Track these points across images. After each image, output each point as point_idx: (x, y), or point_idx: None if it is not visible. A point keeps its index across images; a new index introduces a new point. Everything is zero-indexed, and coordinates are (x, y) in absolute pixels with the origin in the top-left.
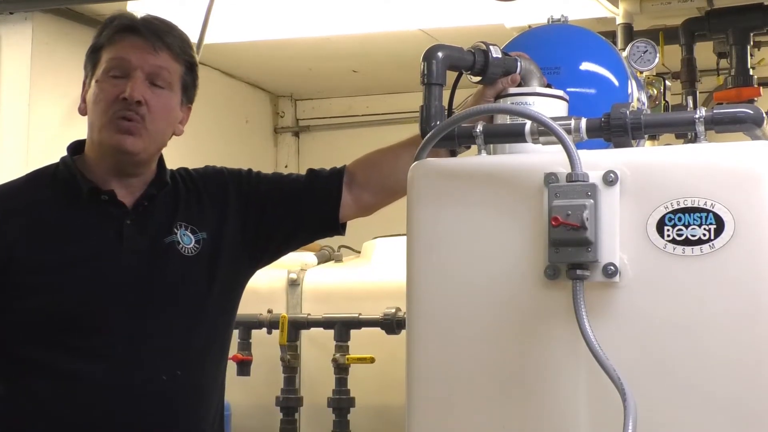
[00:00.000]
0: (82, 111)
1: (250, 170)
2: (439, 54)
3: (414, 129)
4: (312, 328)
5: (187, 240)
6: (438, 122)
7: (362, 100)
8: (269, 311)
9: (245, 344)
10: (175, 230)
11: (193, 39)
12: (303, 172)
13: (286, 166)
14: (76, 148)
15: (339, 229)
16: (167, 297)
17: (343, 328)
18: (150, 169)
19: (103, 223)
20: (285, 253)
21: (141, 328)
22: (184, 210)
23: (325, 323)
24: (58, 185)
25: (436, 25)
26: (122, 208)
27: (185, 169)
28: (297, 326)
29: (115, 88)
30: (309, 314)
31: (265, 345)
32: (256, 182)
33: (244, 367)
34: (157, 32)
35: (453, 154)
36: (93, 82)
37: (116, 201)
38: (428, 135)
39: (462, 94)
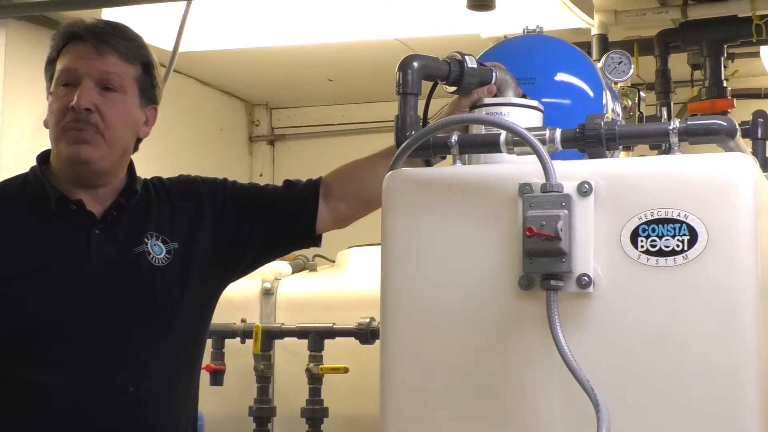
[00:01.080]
0: (46, 124)
1: (225, 180)
2: (415, 64)
3: (390, 138)
4: (286, 338)
5: (157, 250)
6: (413, 132)
7: (338, 109)
8: (243, 320)
9: (218, 354)
10: (146, 240)
11: (168, 47)
12: (279, 181)
13: (261, 175)
14: (45, 157)
15: (315, 240)
16: (135, 308)
17: (317, 337)
18: (118, 177)
19: (71, 232)
20: (260, 265)
21: (108, 338)
22: (156, 219)
23: (299, 333)
24: (28, 195)
25: (412, 35)
26: (90, 217)
27: (158, 178)
28: (271, 336)
29: (66, 98)
30: (283, 324)
31: (239, 354)
32: (231, 192)
33: (217, 377)
34: (102, 36)
35: (428, 164)
36: (49, 94)
37: (84, 210)
38: (403, 145)
39: (437, 104)
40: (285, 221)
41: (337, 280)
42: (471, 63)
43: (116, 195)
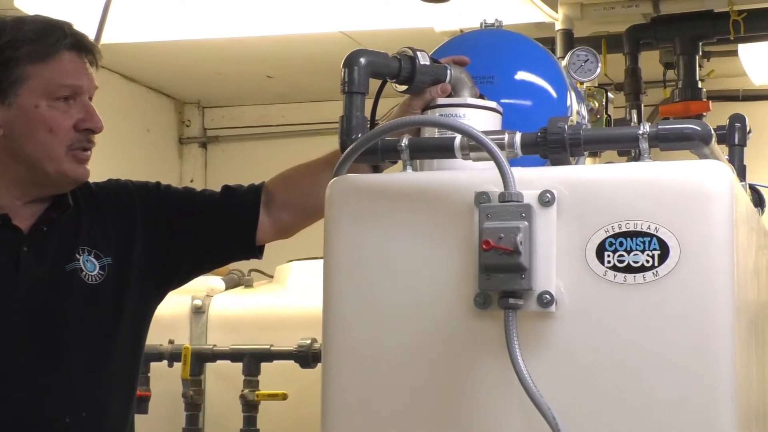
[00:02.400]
0: None
1: (158, 184)
2: (362, 60)
3: (334, 141)
4: (218, 361)
5: (90, 266)
6: (359, 135)
7: (277, 109)
8: (171, 342)
9: (143, 378)
10: (77, 256)
11: (89, 37)
12: (211, 187)
13: (192, 181)
14: None
15: (256, 252)
16: (69, 330)
17: (252, 360)
18: None
19: None
20: (196, 275)
21: (41, 365)
22: (87, 233)
23: (233, 355)
24: None
25: (359, 28)
26: (17, 233)
27: (85, 184)
28: (201, 358)
29: (68, 114)
30: (215, 345)
31: (166, 379)
32: (165, 197)
33: (141, 404)
34: (91, 49)
35: (376, 169)
36: (29, 105)
37: (10, 225)
38: (348, 148)
39: (386, 105)
40: (223, 230)
41: (276, 297)
42: (423, 59)
43: (46, 209)
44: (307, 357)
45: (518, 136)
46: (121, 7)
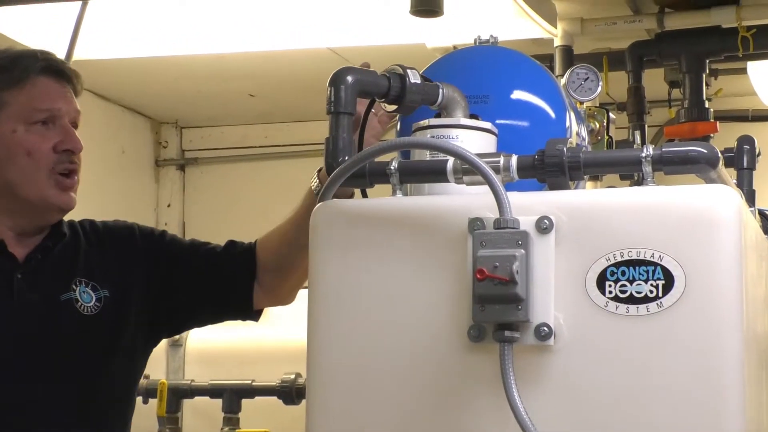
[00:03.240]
0: None
1: (164, 232)
2: (349, 78)
3: (320, 163)
4: (196, 397)
5: (86, 297)
6: (346, 157)
7: (260, 129)
8: (146, 377)
9: None
10: (74, 287)
11: (60, 54)
12: (188, 211)
13: (169, 206)
14: None
15: (253, 315)
16: (60, 360)
17: (233, 396)
18: None
19: None
20: (191, 327)
21: (30, 395)
22: (85, 265)
23: (212, 391)
24: None
25: (347, 44)
26: (12, 260)
27: (90, 221)
28: (178, 394)
29: (46, 137)
30: (193, 380)
31: (141, 416)
32: (167, 246)
33: None
34: (72, 76)
35: (364, 194)
36: (7, 131)
37: (6, 252)
38: (334, 172)
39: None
40: (218, 287)
41: (257, 329)
42: (414, 78)
43: (42, 238)
44: (290, 393)
45: (514, 159)
46: (95, 21)
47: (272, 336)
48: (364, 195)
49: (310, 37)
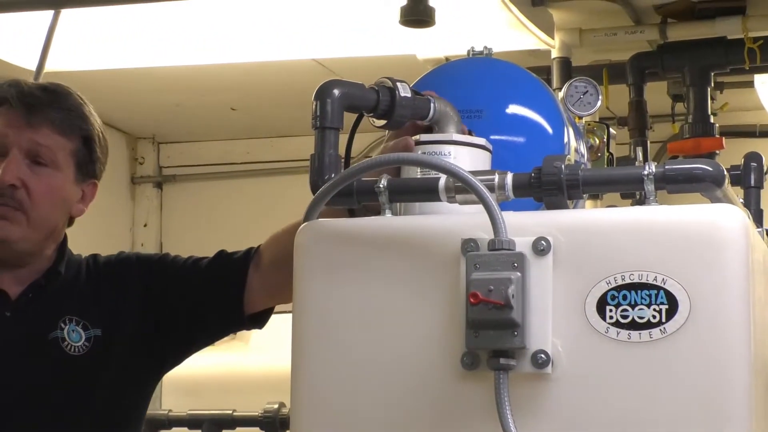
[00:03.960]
0: None
1: (163, 256)
2: (336, 91)
3: (305, 181)
4: (174, 428)
5: (75, 337)
6: (332, 175)
7: (242, 145)
8: None
9: None
10: (62, 325)
11: (31, 66)
12: (166, 231)
13: (145, 225)
14: None
15: (243, 320)
16: (40, 402)
17: (212, 427)
18: (42, 258)
19: None
20: (193, 351)
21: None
22: (78, 302)
23: (191, 421)
24: None
25: (334, 55)
26: (3, 297)
27: (93, 257)
28: (155, 425)
29: None
30: (170, 411)
31: None
32: (165, 269)
33: None
34: (37, 104)
35: (352, 213)
36: None
37: None
38: (320, 190)
39: (363, 140)
40: (211, 297)
41: (239, 356)
42: (404, 91)
43: (37, 275)
44: (274, 423)
45: (510, 177)
46: (68, 31)
47: (254, 363)
48: (352, 214)
49: (295, 48)
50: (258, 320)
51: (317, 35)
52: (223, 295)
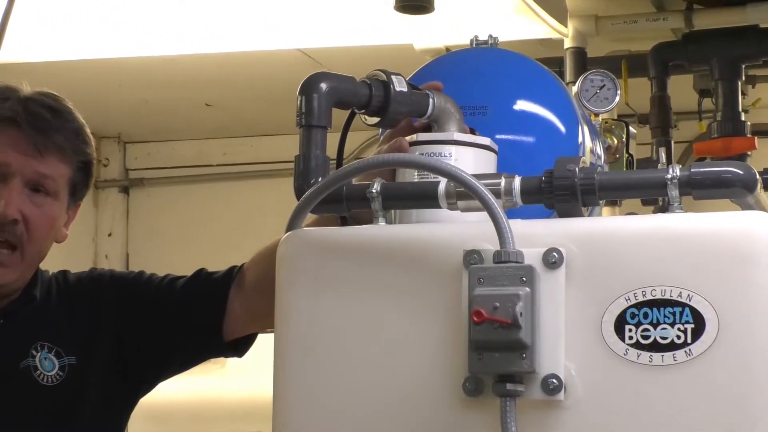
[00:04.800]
0: None
1: (138, 274)
2: (323, 86)
3: (289, 184)
4: None
5: (48, 365)
6: (319, 178)
7: (218, 144)
8: None
9: None
10: (34, 353)
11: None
12: (133, 241)
13: (109, 235)
14: None
15: (222, 347)
16: None
17: None
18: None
19: None
20: (168, 376)
21: None
22: (50, 327)
23: None
24: None
25: (320, 45)
26: None
27: (63, 274)
28: None
29: None
30: None
31: None
32: (138, 289)
33: None
34: (46, 129)
35: (344, 222)
36: None
37: None
38: (305, 195)
39: (356, 139)
40: (187, 322)
41: (214, 380)
42: (400, 85)
43: (9, 301)
44: None
45: (517, 181)
46: (22, 17)
47: (231, 389)
48: (344, 222)
49: (278, 37)
50: (239, 347)
51: (302, 23)
52: (200, 319)
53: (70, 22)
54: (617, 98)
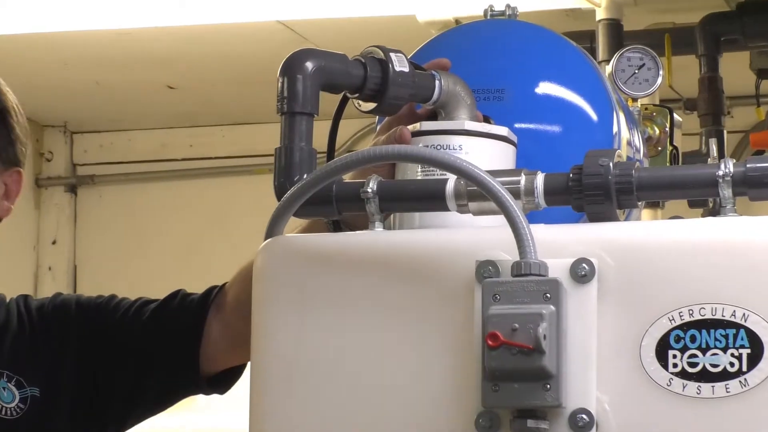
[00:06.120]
0: None
1: (109, 299)
2: (309, 65)
3: (267, 181)
4: None
5: (7, 396)
6: (305, 175)
7: (183, 135)
8: None
9: None
10: None
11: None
12: (82, 250)
13: (54, 243)
14: None
15: (199, 382)
16: None
17: None
18: None
19: None
20: (139, 419)
21: None
22: (10, 355)
23: None
24: None
25: (304, 16)
26: None
27: (24, 299)
28: None
29: None
30: None
31: None
32: (106, 316)
33: None
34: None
35: (335, 227)
36: None
37: None
38: (287, 195)
39: (350, 128)
40: (158, 353)
41: (184, 416)
42: (400, 65)
43: None
44: None
45: (540, 179)
46: None
47: (202, 427)
48: (338, 228)
49: (254, 7)
50: (219, 383)
51: None
52: (172, 348)
53: None
54: (659, 80)
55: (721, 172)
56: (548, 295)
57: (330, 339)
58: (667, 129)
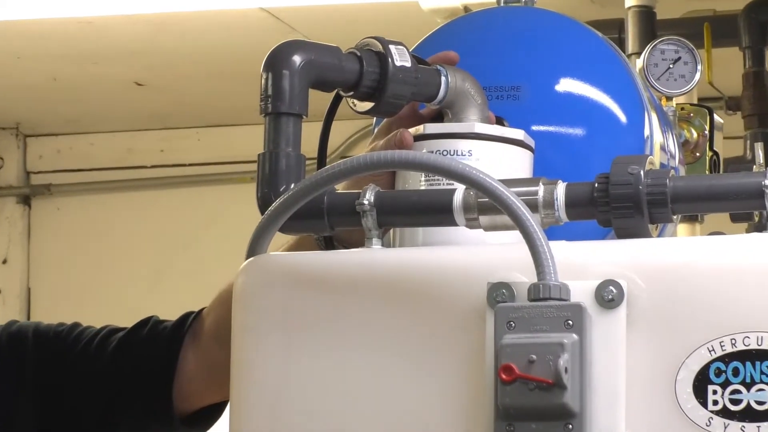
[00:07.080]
0: None
1: (71, 327)
2: (297, 58)
3: (249, 190)
4: None
5: None
6: (291, 184)
7: (153, 138)
8: None
9: None
10: None
11: None
12: (36, 270)
13: (4, 262)
14: None
15: (173, 421)
16: None
17: None
18: None
19: None
20: None
21: None
22: None
23: None
24: None
25: (291, 3)
26: None
27: None
28: None
29: None
30: None
31: None
32: (66, 343)
33: None
34: None
35: (329, 244)
36: None
37: None
38: (271, 208)
39: (342, 132)
40: (126, 388)
41: None
42: (401, 58)
43: None
44: None
45: (561, 189)
46: None
47: None
48: (329, 245)
49: None
50: (197, 423)
51: None
52: (141, 382)
53: None
54: (697, 76)
55: (767, 182)
56: (570, 322)
57: (318, 370)
58: (707, 132)
